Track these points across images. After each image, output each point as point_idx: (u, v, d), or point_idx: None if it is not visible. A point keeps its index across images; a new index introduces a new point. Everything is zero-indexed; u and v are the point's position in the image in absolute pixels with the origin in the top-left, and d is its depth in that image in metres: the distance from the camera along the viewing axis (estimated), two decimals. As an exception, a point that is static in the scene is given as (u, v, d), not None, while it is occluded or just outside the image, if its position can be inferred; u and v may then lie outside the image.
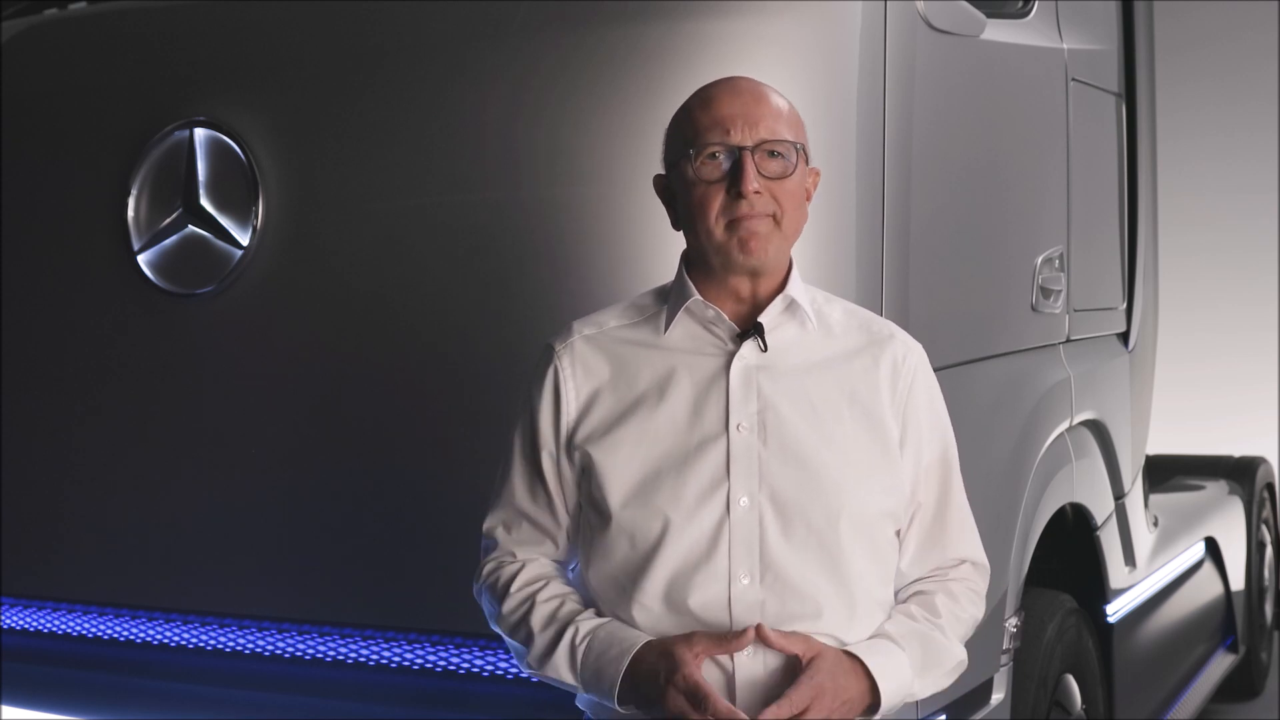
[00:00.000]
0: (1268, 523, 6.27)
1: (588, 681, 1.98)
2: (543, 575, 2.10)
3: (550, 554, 2.13)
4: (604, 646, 1.97)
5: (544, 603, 2.05)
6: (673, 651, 1.91)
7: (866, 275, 2.64)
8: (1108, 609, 3.77)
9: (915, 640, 2.02)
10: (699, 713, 1.87)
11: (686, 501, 1.97)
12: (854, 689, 1.93)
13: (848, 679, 1.93)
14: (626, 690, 1.94)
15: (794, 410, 2.00)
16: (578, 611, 2.04)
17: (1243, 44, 8.04)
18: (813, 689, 1.89)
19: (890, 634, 2.01)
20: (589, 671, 1.97)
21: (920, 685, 2.01)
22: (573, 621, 2.01)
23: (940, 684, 2.06)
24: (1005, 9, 3.24)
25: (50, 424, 3.31)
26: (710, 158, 1.98)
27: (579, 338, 2.10)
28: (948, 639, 2.06)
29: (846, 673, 1.93)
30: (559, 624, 2.02)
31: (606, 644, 1.97)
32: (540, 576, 2.09)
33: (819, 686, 1.90)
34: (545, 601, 2.05)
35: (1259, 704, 5.87)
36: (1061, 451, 3.36)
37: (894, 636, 2.01)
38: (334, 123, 2.98)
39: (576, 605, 2.05)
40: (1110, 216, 3.94)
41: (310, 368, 2.99)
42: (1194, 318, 7.25)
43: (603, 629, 1.99)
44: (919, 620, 2.05)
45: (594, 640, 1.98)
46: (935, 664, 2.03)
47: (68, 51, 3.41)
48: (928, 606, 2.08)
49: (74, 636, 3.26)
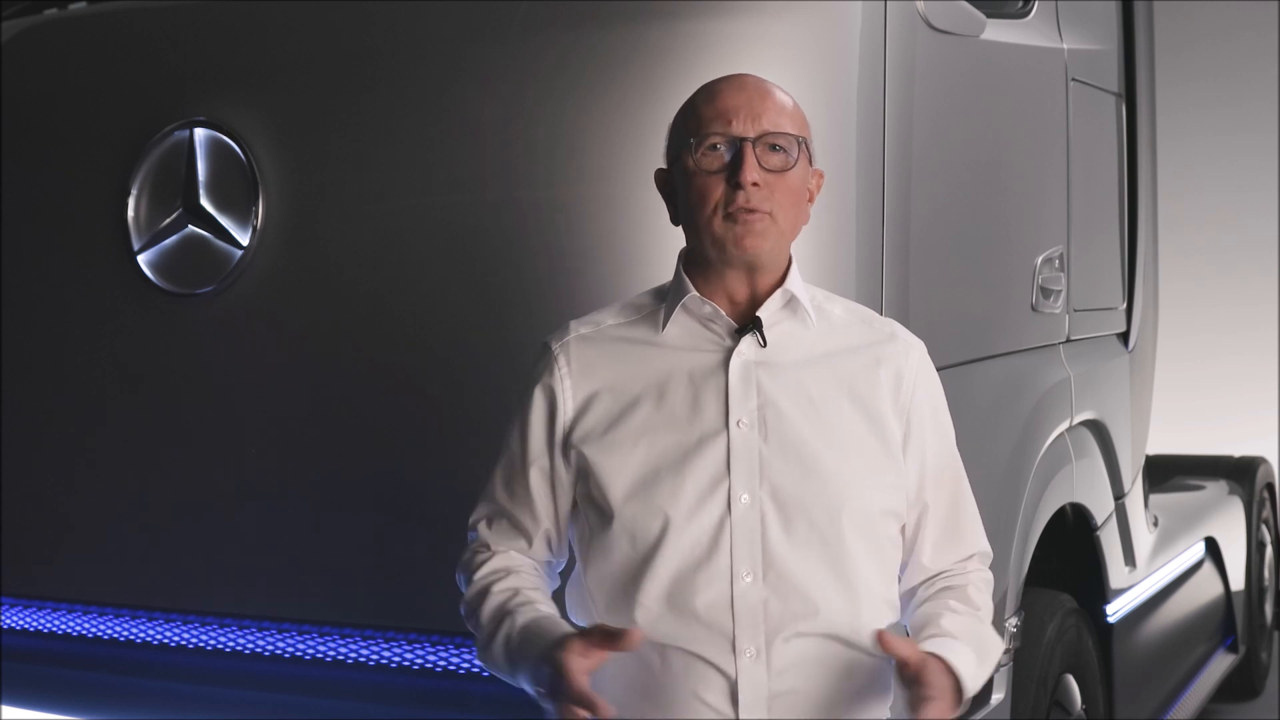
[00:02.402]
0: (1268, 523, 6.27)
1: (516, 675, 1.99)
2: (506, 567, 2.09)
3: (523, 550, 2.12)
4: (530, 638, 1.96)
5: (496, 594, 2.04)
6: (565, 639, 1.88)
7: (866, 275, 2.64)
8: (1108, 609, 3.77)
9: (972, 635, 2.02)
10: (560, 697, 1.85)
11: (687, 500, 1.95)
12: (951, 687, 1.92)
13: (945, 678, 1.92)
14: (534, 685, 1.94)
15: (794, 406, 1.99)
16: (523, 603, 2.02)
17: (1243, 44, 8.04)
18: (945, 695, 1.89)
19: (950, 631, 2.00)
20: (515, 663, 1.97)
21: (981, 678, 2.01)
22: (513, 613, 2.00)
23: (987, 674, 2.06)
24: (1005, 9, 3.24)
25: (50, 424, 3.31)
26: (711, 149, 1.97)
27: (575, 336, 2.09)
28: (991, 630, 2.07)
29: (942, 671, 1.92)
30: (501, 614, 2.01)
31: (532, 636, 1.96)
32: (503, 568, 2.08)
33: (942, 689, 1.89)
34: (498, 593, 2.04)
35: (1259, 704, 5.87)
36: (1061, 451, 3.36)
37: (954, 633, 2.00)
38: (334, 123, 2.98)
39: (526, 598, 2.04)
40: (1110, 216, 3.94)
41: (310, 367, 2.99)
42: (1194, 318, 7.24)
43: (534, 624, 1.98)
44: (964, 615, 2.05)
45: (526, 633, 1.97)
46: (987, 655, 2.03)
47: (68, 51, 3.41)
48: (964, 599, 2.07)
49: (74, 636, 3.26)
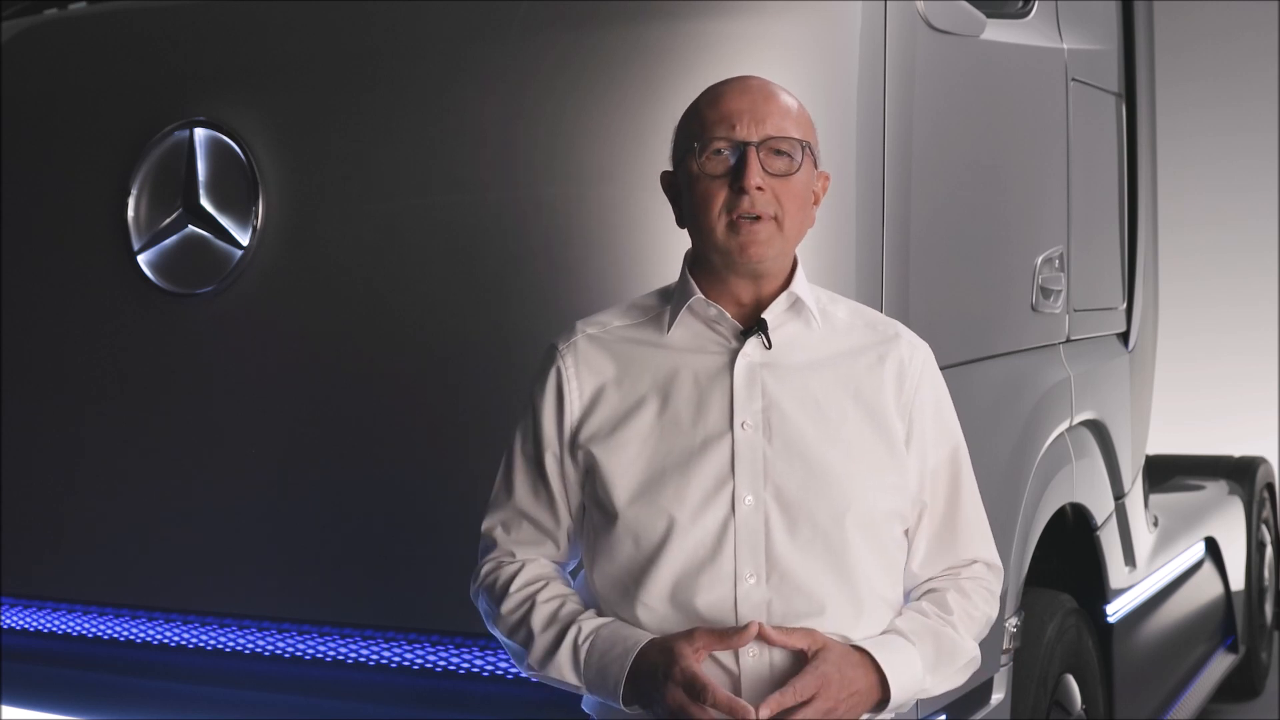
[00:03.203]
0: (1268, 523, 6.27)
1: (591, 682, 1.97)
2: (542, 576, 2.09)
3: (550, 555, 2.12)
4: (607, 645, 1.96)
5: (545, 603, 2.04)
6: (673, 647, 1.89)
7: (866, 275, 2.64)
8: (1108, 609, 3.77)
9: (927, 636, 2.01)
10: (697, 704, 1.85)
11: (691, 500, 1.96)
12: (862, 682, 1.91)
13: (855, 672, 1.91)
14: (630, 689, 1.93)
15: (799, 408, 1.99)
16: (579, 612, 2.02)
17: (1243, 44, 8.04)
18: (818, 678, 1.87)
19: (901, 630, 2.00)
20: (592, 671, 1.96)
21: (932, 681, 2.00)
22: (575, 621, 2.00)
23: (953, 681, 2.05)
24: (1005, 9, 3.24)
25: (50, 424, 3.31)
26: (715, 153, 1.98)
27: (582, 337, 2.09)
28: (960, 635, 2.05)
29: (854, 665, 1.91)
30: (561, 624, 2.01)
31: (610, 643, 1.96)
32: (540, 577, 2.08)
33: (824, 676, 1.88)
34: (546, 602, 2.04)
35: (1259, 704, 5.87)
36: (1061, 451, 3.36)
37: (905, 632, 2.00)
38: (334, 123, 2.98)
39: (578, 606, 2.04)
40: (1110, 216, 3.94)
41: (310, 367, 2.99)
42: (1194, 318, 7.24)
43: (606, 628, 1.98)
44: (931, 616, 2.04)
45: (597, 639, 1.97)
46: (947, 660, 2.02)
47: (68, 51, 3.41)
48: (939, 603, 2.06)
49: (74, 636, 3.26)
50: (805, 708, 1.86)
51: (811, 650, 1.90)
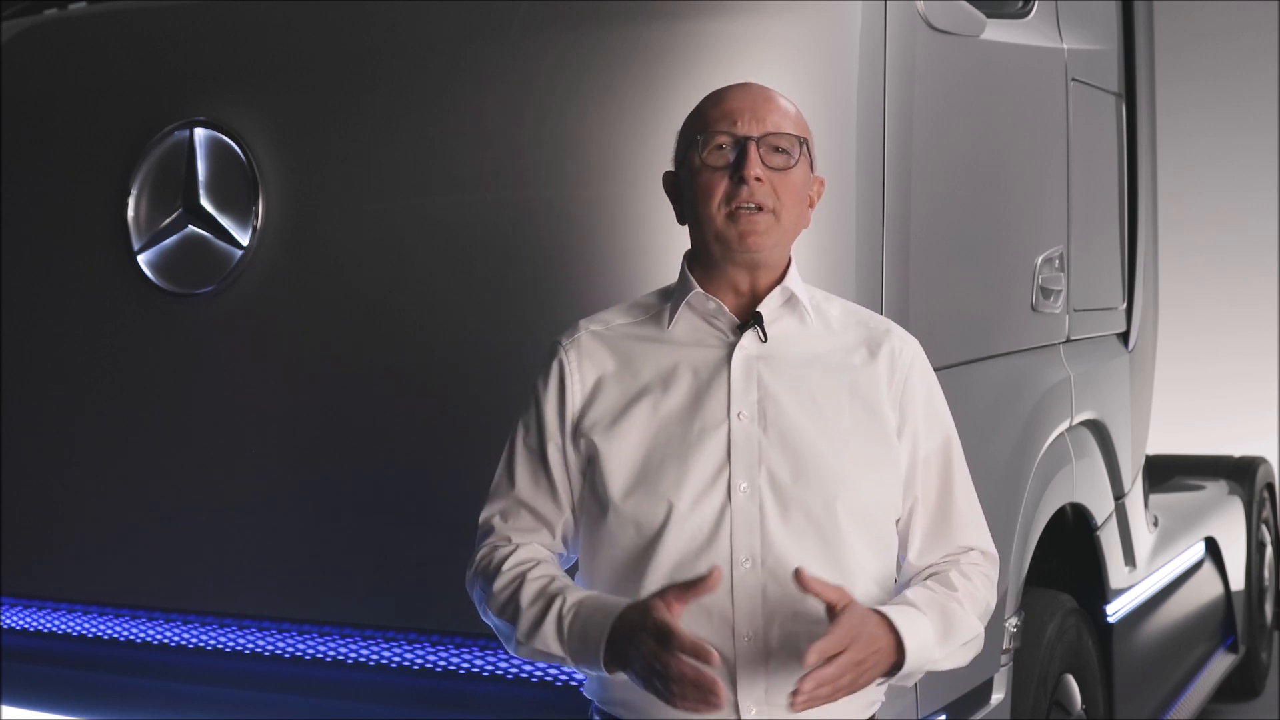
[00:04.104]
0: (1268, 523, 6.27)
1: (574, 650, 2.00)
2: (535, 557, 2.12)
3: (545, 542, 2.15)
4: (589, 613, 1.99)
5: (534, 580, 2.07)
6: (646, 603, 1.93)
7: (866, 275, 2.65)
8: (1108, 609, 3.77)
9: (936, 608, 2.04)
10: (668, 650, 1.87)
11: (690, 488, 2.01)
12: (883, 641, 1.95)
13: (877, 630, 1.94)
14: (610, 652, 1.95)
15: (794, 401, 2.04)
16: (567, 586, 2.06)
17: (1243, 44, 8.04)
18: (850, 630, 1.90)
19: (911, 600, 2.03)
20: (575, 640, 1.99)
21: (941, 653, 2.03)
22: (560, 593, 2.04)
23: (959, 659, 2.08)
24: (1005, 9, 3.25)
25: (50, 424, 3.31)
26: (717, 147, 2.05)
27: (585, 333, 2.15)
28: (965, 611, 2.08)
29: (876, 624, 1.95)
30: (547, 597, 2.04)
31: (592, 610, 1.99)
32: (533, 558, 2.11)
33: (855, 629, 1.91)
34: (535, 579, 2.07)
35: (1259, 704, 5.87)
36: (1061, 451, 3.36)
37: (915, 603, 2.03)
38: (334, 123, 2.98)
39: (566, 582, 2.08)
40: (1110, 216, 3.94)
41: (310, 367, 2.99)
42: (1194, 318, 7.25)
43: (590, 599, 2.02)
44: (937, 591, 2.07)
45: (580, 609, 2.00)
46: (955, 634, 2.05)
47: (68, 51, 3.41)
48: (944, 581, 2.09)
49: (74, 636, 3.26)
50: (840, 657, 1.89)
51: (840, 605, 1.92)
